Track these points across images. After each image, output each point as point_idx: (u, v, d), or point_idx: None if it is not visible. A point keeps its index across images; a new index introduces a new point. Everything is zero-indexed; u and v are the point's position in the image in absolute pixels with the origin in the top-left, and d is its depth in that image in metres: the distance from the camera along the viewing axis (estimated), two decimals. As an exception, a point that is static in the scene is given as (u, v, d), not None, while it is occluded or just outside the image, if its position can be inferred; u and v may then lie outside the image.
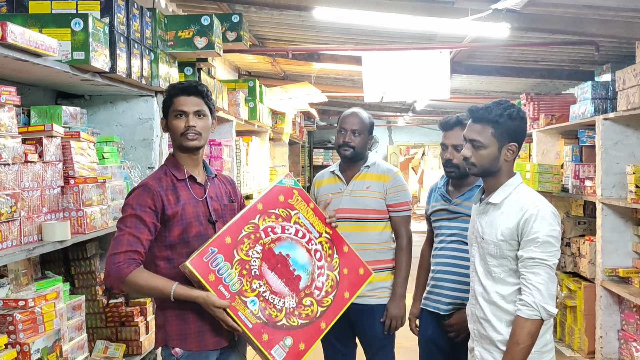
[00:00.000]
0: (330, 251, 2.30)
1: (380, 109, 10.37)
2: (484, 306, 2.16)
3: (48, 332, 2.05)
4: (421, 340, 2.85)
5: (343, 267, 2.32)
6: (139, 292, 2.17)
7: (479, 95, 7.95)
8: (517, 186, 2.17)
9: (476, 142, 2.14)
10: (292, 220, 2.23)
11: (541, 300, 2.01)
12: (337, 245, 2.34)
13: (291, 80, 7.48)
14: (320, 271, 2.26)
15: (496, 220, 2.13)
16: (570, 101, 5.21)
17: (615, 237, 4.39)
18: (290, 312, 2.16)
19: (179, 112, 2.18)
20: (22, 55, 1.88)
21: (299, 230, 2.25)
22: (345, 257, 2.35)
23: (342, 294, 2.31)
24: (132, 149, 2.91)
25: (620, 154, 4.37)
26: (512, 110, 2.13)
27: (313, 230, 2.28)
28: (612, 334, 4.44)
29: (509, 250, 2.10)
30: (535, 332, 2.03)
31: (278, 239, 2.18)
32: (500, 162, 2.15)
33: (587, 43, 4.50)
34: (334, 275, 2.29)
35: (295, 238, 2.23)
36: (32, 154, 2.03)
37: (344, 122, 2.92)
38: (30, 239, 1.99)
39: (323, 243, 2.29)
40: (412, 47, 5.10)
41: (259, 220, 2.16)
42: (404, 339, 3.54)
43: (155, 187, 2.13)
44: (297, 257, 2.22)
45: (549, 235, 2.04)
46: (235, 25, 3.42)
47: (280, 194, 2.25)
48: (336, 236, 2.37)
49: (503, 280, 2.12)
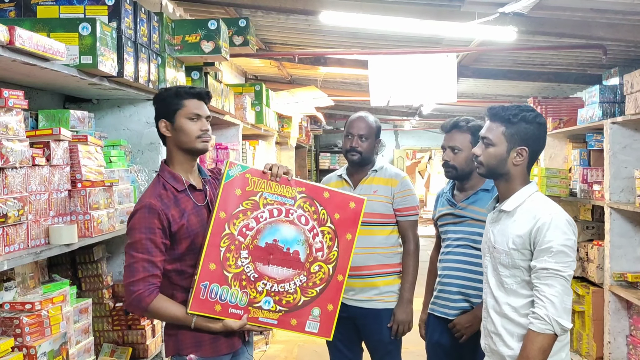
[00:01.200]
0: (312, 207, 2.19)
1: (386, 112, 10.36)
2: (495, 319, 2.07)
3: (54, 336, 2.05)
4: (428, 345, 2.84)
5: (333, 213, 2.21)
6: (159, 318, 2.20)
7: (486, 99, 7.93)
8: (531, 194, 2.07)
9: (486, 139, 2.08)
10: (261, 205, 2.12)
11: (555, 314, 1.90)
12: (317, 197, 2.21)
13: (298, 84, 7.49)
14: (314, 232, 2.18)
15: (508, 229, 2.05)
16: (578, 105, 5.19)
17: (624, 241, 4.36)
18: (304, 287, 2.16)
19: (194, 115, 2.17)
20: (30, 60, 1.89)
21: (273, 209, 2.14)
22: (330, 202, 2.22)
23: (345, 238, 2.23)
24: (139, 152, 2.92)
25: (628, 158, 4.34)
26: (528, 114, 2.05)
27: (286, 200, 2.16)
28: (620, 339, 4.40)
29: (521, 260, 2.00)
30: (547, 348, 1.92)
31: (257, 232, 2.11)
32: (508, 165, 2.07)
33: (594, 47, 4.47)
34: (328, 228, 2.20)
35: (273, 219, 2.14)
36: (39, 158, 2.04)
37: (351, 127, 2.91)
38: (37, 242, 2.00)
39: (302, 205, 2.18)
40: (418, 50, 5.10)
41: (229, 227, 2.07)
42: (410, 344, 3.52)
43: (159, 207, 2.09)
44: (285, 235, 2.14)
45: (563, 244, 1.93)
46: (242, 29, 3.43)
47: (235, 189, 2.09)
48: (311, 189, 2.21)
49: (515, 292, 2.03)
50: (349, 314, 2.89)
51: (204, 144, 2.19)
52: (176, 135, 2.18)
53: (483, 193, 2.69)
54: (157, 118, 2.22)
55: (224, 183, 2.08)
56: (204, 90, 2.23)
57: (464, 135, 2.67)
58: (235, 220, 2.08)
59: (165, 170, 2.20)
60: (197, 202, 2.19)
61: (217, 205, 2.06)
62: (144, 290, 2.01)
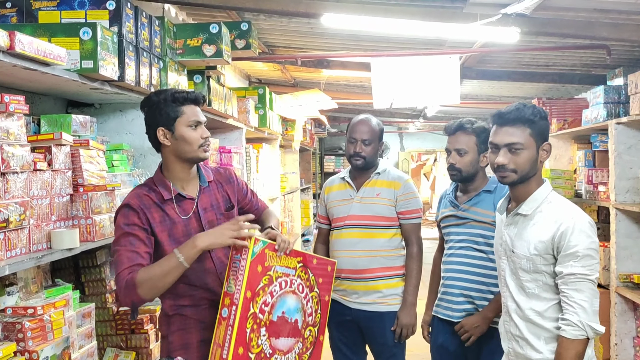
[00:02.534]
0: (306, 275, 2.25)
1: (391, 115, 10.35)
2: (520, 324, 2.04)
3: (57, 340, 2.05)
4: (433, 348, 2.83)
5: (318, 278, 2.30)
6: (156, 285, 1.99)
7: (490, 100, 7.91)
8: (547, 195, 2.04)
9: (516, 144, 2.00)
10: (274, 279, 2.14)
11: (587, 319, 1.89)
12: (309, 265, 2.27)
13: (301, 87, 7.49)
14: (307, 299, 2.24)
15: (528, 233, 2.01)
16: (583, 105, 5.17)
17: (630, 242, 4.33)
18: (301, 354, 2.20)
19: (195, 122, 2.10)
20: (30, 65, 1.89)
21: (282, 282, 2.17)
22: (316, 268, 2.30)
23: (325, 300, 2.32)
24: (141, 156, 2.92)
25: (633, 158, 4.32)
26: (539, 110, 2.04)
27: (290, 271, 2.20)
28: (627, 341, 4.37)
29: (544, 265, 1.97)
30: (582, 353, 1.91)
31: (272, 307, 2.11)
32: (538, 164, 2.04)
33: (598, 47, 4.45)
34: (315, 293, 2.27)
35: (282, 291, 2.16)
36: (41, 162, 2.04)
37: (354, 131, 2.90)
38: (39, 247, 2.00)
39: (300, 274, 2.24)
40: (421, 52, 5.09)
41: (253, 307, 2.06)
42: (415, 347, 3.51)
43: (138, 205, 2.07)
44: (290, 305, 2.18)
45: (588, 248, 1.92)
46: (244, 33, 3.42)
47: (257, 266, 2.08)
48: (305, 258, 2.27)
49: (538, 296, 2.00)
50: (353, 317, 2.88)
51: (205, 153, 2.14)
52: (176, 144, 2.11)
53: (485, 194, 2.68)
54: (152, 125, 2.13)
55: (250, 261, 2.04)
56: (200, 95, 2.17)
57: (469, 137, 2.65)
58: (257, 298, 2.07)
59: (158, 177, 2.17)
60: (180, 213, 2.13)
61: (245, 285, 2.02)
62: (128, 274, 1.97)
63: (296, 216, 7.73)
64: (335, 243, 2.95)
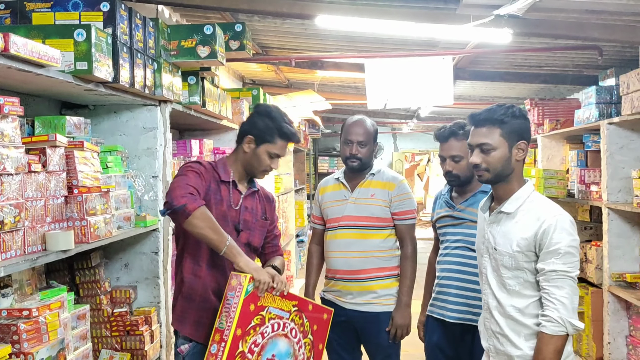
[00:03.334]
0: (300, 320, 2.27)
1: (384, 115, 10.37)
2: (500, 320, 2.07)
3: (52, 342, 2.05)
4: (427, 347, 2.84)
5: (313, 325, 2.31)
6: (198, 231, 2.17)
7: (483, 101, 7.94)
8: (530, 194, 2.08)
9: (485, 145, 2.06)
10: (266, 320, 2.15)
11: (567, 315, 1.92)
12: (304, 310, 2.29)
13: (295, 88, 7.50)
14: (299, 344, 2.25)
15: (510, 231, 2.05)
16: (575, 106, 5.20)
17: (622, 242, 4.36)
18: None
19: (275, 154, 2.39)
20: (25, 66, 1.89)
21: (274, 324, 2.18)
22: (312, 314, 2.31)
23: (318, 349, 2.33)
24: (136, 158, 2.92)
25: (625, 158, 4.35)
26: (514, 109, 2.08)
27: (284, 314, 2.21)
28: (620, 340, 4.40)
29: (525, 262, 2.01)
30: (561, 349, 1.94)
31: (262, 348, 2.12)
32: (513, 163, 2.07)
33: (590, 48, 4.49)
34: (308, 340, 2.28)
35: (274, 333, 2.17)
36: (35, 164, 2.04)
37: (349, 133, 2.90)
38: (34, 249, 2.00)
39: (294, 318, 2.24)
40: (414, 53, 5.11)
41: (242, 345, 2.07)
42: (410, 347, 3.52)
43: (207, 165, 2.38)
44: (280, 349, 2.18)
45: (569, 245, 1.95)
46: (238, 34, 3.43)
47: (250, 304, 2.11)
48: (301, 302, 2.30)
49: (518, 293, 2.03)
50: (348, 318, 2.89)
51: (263, 176, 2.46)
52: (250, 156, 2.40)
53: (481, 195, 2.69)
54: (250, 130, 2.40)
55: (243, 299, 2.07)
56: (297, 139, 2.49)
57: (462, 142, 2.66)
58: (247, 337, 2.09)
59: (222, 161, 2.45)
60: (232, 198, 2.38)
61: (236, 323, 2.04)
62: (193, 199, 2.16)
63: (290, 217, 7.74)
64: (329, 244, 2.95)
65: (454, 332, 2.68)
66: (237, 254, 2.16)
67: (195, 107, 3.34)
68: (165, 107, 2.95)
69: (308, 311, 2.29)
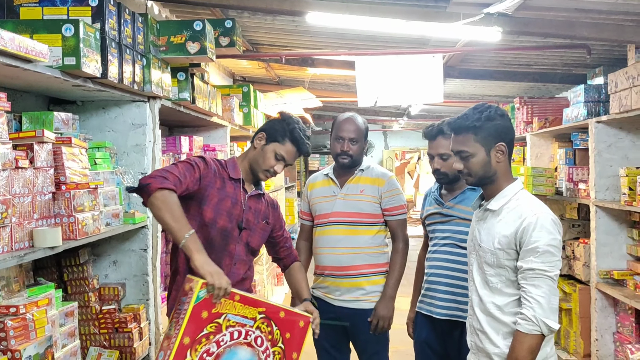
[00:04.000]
0: (268, 328, 2.16)
1: (375, 113, 10.39)
2: (480, 317, 2.08)
3: (40, 339, 2.03)
4: (416, 343, 2.86)
5: (285, 333, 2.20)
6: (157, 213, 2.14)
7: (473, 99, 7.98)
8: (517, 192, 2.08)
9: (463, 152, 2.08)
10: (224, 328, 2.04)
11: (542, 315, 1.91)
12: (274, 317, 2.18)
13: (286, 85, 7.49)
14: (266, 353, 2.15)
15: (494, 228, 2.06)
16: (564, 104, 5.23)
17: (610, 239, 4.40)
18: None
19: (281, 156, 2.43)
20: (12, 61, 1.87)
21: (234, 332, 2.08)
22: (284, 322, 2.20)
23: (292, 357, 2.23)
24: (124, 154, 2.90)
25: (613, 156, 4.39)
26: (489, 112, 2.06)
27: (247, 321, 2.10)
28: (607, 337, 4.44)
29: (507, 260, 2.01)
30: (535, 348, 1.93)
31: (217, 357, 2.03)
32: (493, 166, 2.08)
33: (579, 46, 4.51)
34: (278, 349, 2.18)
35: (233, 342, 2.07)
36: (23, 160, 2.02)
37: (341, 130, 2.90)
38: (21, 245, 1.98)
39: (260, 326, 2.14)
40: (405, 51, 5.12)
41: (191, 354, 1.97)
42: (399, 343, 3.53)
43: (211, 163, 2.40)
44: (240, 358, 2.08)
45: (549, 244, 1.95)
46: (228, 30, 3.42)
47: (202, 311, 2.00)
48: (270, 309, 2.18)
49: (500, 291, 2.04)
50: (336, 315, 2.89)
51: (265, 177, 2.47)
52: (258, 152, 2.44)
53: (470, 192, 2.71)
54: (263, 128, 2.47)
55: (193, 305, 1.97)
56: (307, 150, 2.48)
57: (450, 140, 2.68)
58: (197, 346, 1.98)
59: (231, 161, 2.49)
60: (239, 195, 2.40)
61: (183, 330, 1.95)
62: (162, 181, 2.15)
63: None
64: (318, 240, 2.96)
65: (442, 328, 2.70)
66: (195, 250, 2.06)
67: (185, 103, 3.32)
68: (154, 104, 2.94)
69: (279, 318, 2.18)
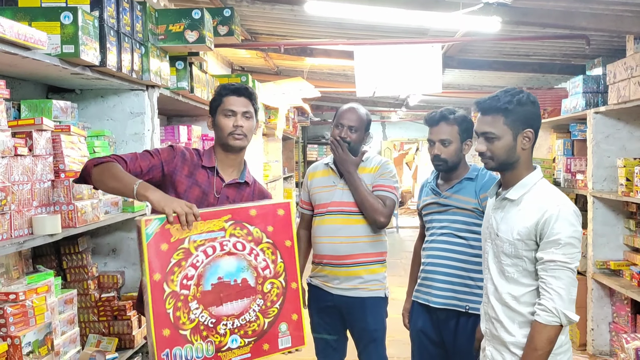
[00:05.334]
0: (244, 230, 2.09)
1: (373, 104, 10.37)
2: (496, 306, 2.07)
3: (39, 326, 2.05)
4: (412, 332, 2.87)
5: (266, 227, 2.12)
6: (103, 180, 2.07)
7: (471, 89, 7.97)
8: (537, 182, 2.05)
9: (489, 134, 2.02)
10: (193, 250, 1.99)
11: (562, 306, 1.89)
12: (245, 219, 2.11)
13: (284, 75, 7.47)
14: (254, 254, 2.10)
15: (513, 218, 2.03)
16: (562, 95, 5.24)
17: (607, 230, 4.42)
18: (264, 310, 2.12)
19: (228, 111, 2.27)
20: (10, 49, 1.87)
21: (206, 249, 2.03)
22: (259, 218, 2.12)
23: (285, 246, 2.19)
24: (123, 143, 2.91)
25: (611, 147, 4.40)
26: (521, 96, 2.02)
27: (216, 234, 2.05)
28: (603, 327, 4.47)
29: (525, 251, 1.99)
30: (554, 338, 1.93)
31: (199, 277, 2.00)
32: (518, 152, 2.03)
33: (578, 37, 4.51)
34: (266, 244, 2.12)
35: (210, 258, 2.03)
36: (22, 148, 2.02)
37: (342, 117, 2.90)
38: (20, 233, 1.99)
39: (233, 232, 2.08)
40: (404, 41, 5.10)
41: (169, 286, 1.95)
42: (395, 332, 3.55)
43: (180, 151, 2.30)
44: (227, 268, 2.05)
45: (571, 236, 1.92)
46: (226, 19, 3.41)
47: (160, 245, 1.95)
48: (237, 213, 2.10)
49: (516, 281, 2.02)
50: (334, 303, 2.91)
51: (236, 141, 2.28)
52: (215, 130, 2.33)
53: (467, 182, 2.71)
54: (209, 114, 2.37)
55: (145, 244, 1.92)
56: (242, 86, 2.32)
57: (452, 127, 2.68)
58: (172, 277, 1.96)
59: (209, 148, 2.38)
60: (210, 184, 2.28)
61: (148, 270, 1.92)
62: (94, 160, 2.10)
63: (279, 204, 7.73)
64: (317, 229, 2.96)
65: (439, 317, 2.71)
66: (149, 192, 1.99)
67: (183, 92, 3.32)
68: (152, 92, 2.94)
69: (251, 217, 2.11)
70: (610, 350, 4.42)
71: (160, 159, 2.24)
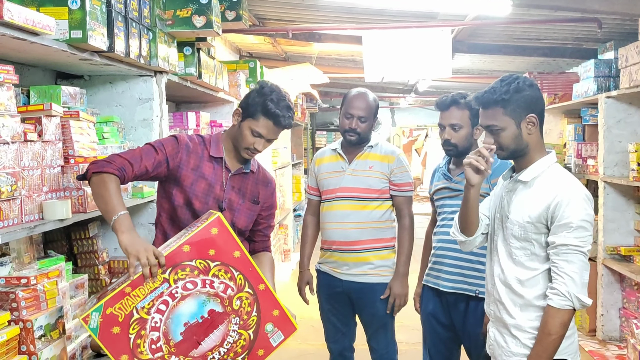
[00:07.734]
0: (184, 271, 1.99)
1: (382, 90, 10.32)
2: (500, 288, 2.08)
3: (51, 310, 2.07)
4: (423, 315, 2.88)
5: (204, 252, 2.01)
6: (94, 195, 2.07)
7: (482, 74, 7.90)
8: (550, 165, 2.04)
9: (493, 127, 2.02)
10: (147, 315, 1.94)
11: (575, 290, 1.89)
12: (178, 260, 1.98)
13: (292, 61, 7.44)
14: (207, 283, 2.01)
15: (524, 200, 2.02)
16: (574, 80, 5.18)
17: (617, 215, 4.40)
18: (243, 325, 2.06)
19: (257, 133, 2.25)
20: (19, 34, 1.87)
21: (158, 308, 1.96)
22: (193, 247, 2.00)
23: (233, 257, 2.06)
24: (132, 129, 2.91)
25: (622, 132, 4.36)
26: (517, 83, 2.01)
27: (159, 290, 1.95)
28: (613, 312, 4.46)
29: (534, 234, 1.99)
30: (567, 322, 1.93)
31: (165, 335, 1.96)
32: (525, 138, 2.02)
33: (589, 20, 4.45)
34: (216, 268, 2.02)
35: (166, 313, 1.96)
36: (31, 133, 2.03)
37: (351, 107, 2.88)
38: (31, 218, 2.00)
39: (174, 278, 1.98)
40: (413, 25, 5.06)
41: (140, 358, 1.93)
42: (405, 318, 3.56)
43: (184, 142, 2.28)
44: (189, 311, 1.98)
45: (583, 219, 1.91)
46: (234, 4, 3.39)
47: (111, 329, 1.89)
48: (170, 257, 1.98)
49: (523, 264, 2.02)
50: (344, 289, 2.92)
51: (247, 156, 2.31)
52: (236, 130, 2.30)
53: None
54: (240, 103, 2.32)
55: (97, 338, 1.89)
56: (287, 115, 2.25)
57: (463, 111, 2.66)
58: (139, 349, 1.93)
59: (216, 137, 2.36)
60: (217, 174, 2.29)
61: (113, 358, 1.90)
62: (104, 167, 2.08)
63: (287, 191, 7.75)
64: (325, 215, 2.97)
65: (448, 300, 2.72)
66: (121, 231, 1.94)
67: (192, 78, 3.32)
68: (161, 78, 2.93)
69: (187, 253, 1.99)
70: (620, 336, 4.41)
71: (165, 154, 2.23)
